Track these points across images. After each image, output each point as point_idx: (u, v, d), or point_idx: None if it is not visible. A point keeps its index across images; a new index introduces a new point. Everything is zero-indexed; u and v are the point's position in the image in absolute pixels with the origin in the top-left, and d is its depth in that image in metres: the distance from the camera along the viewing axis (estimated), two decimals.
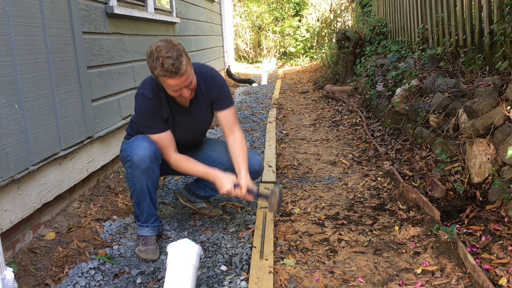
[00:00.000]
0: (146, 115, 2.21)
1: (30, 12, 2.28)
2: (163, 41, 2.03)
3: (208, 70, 2.36)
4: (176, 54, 1.98)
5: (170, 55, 1.96)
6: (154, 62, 1.99)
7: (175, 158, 2.31)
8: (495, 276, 1.91)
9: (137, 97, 2.24)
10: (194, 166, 2.33)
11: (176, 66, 1.97)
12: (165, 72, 1.99)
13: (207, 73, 2.33)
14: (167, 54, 1.96)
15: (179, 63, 1.98)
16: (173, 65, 1.97)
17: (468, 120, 2.85)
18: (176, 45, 2.02)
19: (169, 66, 1.97)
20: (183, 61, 2.00)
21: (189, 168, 2.33)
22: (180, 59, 1.99)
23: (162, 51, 1.97)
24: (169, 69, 1.97)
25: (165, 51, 1.97)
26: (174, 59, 1.97)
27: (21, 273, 2.00)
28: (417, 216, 2.57)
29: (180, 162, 2.32)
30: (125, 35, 3.61)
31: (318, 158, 3.95)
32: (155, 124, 2.23)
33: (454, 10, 4.17)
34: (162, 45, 1.99)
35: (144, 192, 2.25)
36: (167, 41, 2.03)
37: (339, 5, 12.19)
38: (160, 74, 2.01)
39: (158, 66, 1.98)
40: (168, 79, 2.02)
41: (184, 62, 2.00)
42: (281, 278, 2.05)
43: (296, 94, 7.92)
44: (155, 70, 2.02)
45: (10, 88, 2.09)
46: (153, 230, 2.34)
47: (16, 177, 2.11)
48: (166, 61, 1.96)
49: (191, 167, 2.33)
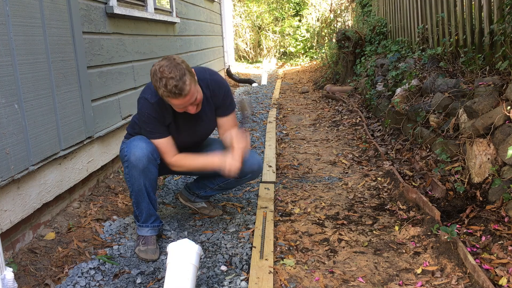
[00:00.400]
0: (148, 120, 2.21)
1: (30, 12, 2.28)
2: (166, 59, 2.02)
3: (211, 75, 2.35)
4: (180, 74, 1.97)
5: (173, 76, 1.96)
6: (157, 82, 1.99)
7: (174, 160, 2.31)
8: (495, 276, 1.91)
9: (140, 101, 2.24)
10: (193, 160, 2.33)
11: (179, 87, 1.97)
12: (168, 93, 1.99)
13: (211, 78, 2.33)
14: (170, 74, 1.96)
15: (183, 84, 1.98)
16: (176, 86, 1.97)
17: (468, 120, 2.85)
18: (179, 63, 2.01)
19: (172, 87, 1.97)
20: (187, 81, 1.99)
21: (189, 165, 2.33)
22: (183, 79, 1.98)
23: (165, 72, 1.97)
24: (172, 91, 1.97)
25: (168, 71, 1.96)
26: (177, 80, 1.96)
27: (21, 273, 2.00)
28: (417, 216, 2.57)
29: (180, 162, 2.32)
30: (125, 35, 3.60)
31: (318, 158, 3.95)
32: (156, 130, 2.23)
33: (454, 10, 4.17)
34: (165, 65, 1.98)
35: (142, 192, 2.25)
36: (170, 59, 2.02)
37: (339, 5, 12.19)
38: (164, 95, 2.02)
39: (161, 86, 1.98)
40: (172, 99, 2.03)
41: (188, 82, 2.00)
42: (281, 278, 2.05)
43: (296, 94, 7.92)
44: (159, 90, 2.02)
45: (10, 88, 2.09)
46: (152, 230, 2.34)
47: (16, 177, 2.11)
48: (169, 82, 1.96)
49: (191, 163, 2.33)
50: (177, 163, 2.31)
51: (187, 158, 2.33)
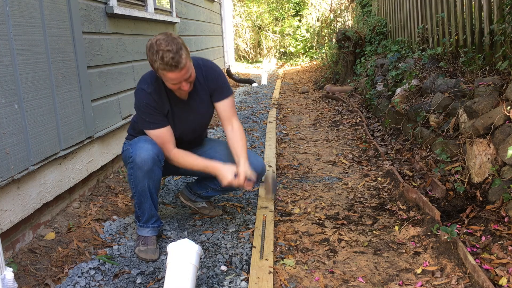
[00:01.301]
0: (147, 110, 2.22)
1: (30, 12, 2.28)
2: (162, 34, 2.04)
3: (205, 61, 2.38)
4: (176, 48, 1.99)
5: (170, 49, 1.97)
6: (154, 55, 2.00)
7: (174, 153, 2.30)
8: (495, 276, 1.91)
9: (137, 93, 2.25)
10: (194, 160, 2.33)
11: (176, 60, 1.98)
12: (165, 66, 2.00)
13: (205, 64, 2.35)
14: (167, 47, 1.97)
15: (179, 57, 1.99)
16: (173, 58, 1.98)
17: (468, 120, 2.85)
18: (175, 38, 2.03)
19: (169, 59, 1.97)
20: (183, 54, 2.01)
21: (190, 163, 2.33)
22: (180, 52, 2.00)
23: (162, 45, 1.98)
24: (169, 63, 1.98)
25: (165, 44, 1.98)
26: (174, 52, 1.98)
27: (21, 273, 2.00)
28: (417, 216, 2.57)
29: (180, 157, 2.31)
30: (125, 35, 3.60)
31: (318, 158, 3.95)
32: (155, 119, 2.23)
33: (454, 10, 4.17)
34: (162, 39, 2.00)
35: (146, 193, 2.25)
36: (167, 34, 2.04)
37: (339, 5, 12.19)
38: (160, 68, 2.02)
39: (158, 59, 1.99)
40: (168, 73, 2.03)
41: (184, 56, 2.02)
42: (281, 278, 2.05)
43: (296, 94, 7.92)
44: (154, 64, 2.03)
45: (10, 88, 2.09)
46: (153, 230, 2.34)
47: (16, 177, 2.11)
48: (166, 54, 1.97)
49: (192, 161, 2.32)
50: (175, 157, 2.30)
51: (188, 156, 2.32)
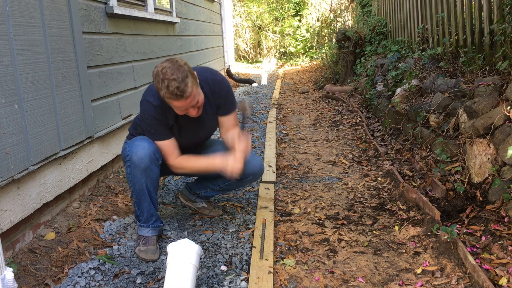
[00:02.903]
0: (151, 122, 2.21)
1: (30, 12, 2.28)
2: (168, 61, 2.02)
3: (212, 75, 2.34)
4: (182, 76, 1.97)
5: (175, 77, 1.96)
6: (159, 83, 1.99)
7: (177, 162, 2.31)
8: (495, 276, 1.91)
9: (142, 104, 2.24)
10: (195, 162, 2.33)
11: (181, 89, 1.97)
12: (170, 95, 1.99)
13: (213, 78, 2.32)
14: (172, 76, 1.96)
15: (185, 86, 1.98)
16: (178, 88, 1.96)
17: (468, 120, 2.85)
18: (182, 65, 2.01)
19: (174, 89, 1.96)
20: (189, 83, 1.99)
21: (192, 167, 2.34)
22: (185, 81, 1.98)
23: (167, 73, 1.96)
24: (174, 92, 1.97)
25: (171, 73, 1.96)
26: (179, 82, 1.96)
27: (21, 273, 2.00)
28: (417, 216, 2.57)
29: (182, 164, 2.33)
30: (125, 35, 3.60)
31: (318, 158, 3.95)
32: (160, 131, 2.24)
33: (454, 10, 4.17)
34: (168, 67, 1.98)
35: (144, 192, 2.25)
36: (173, 61, 2.02)
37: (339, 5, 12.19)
38: (166, 96, 2.02)
39: (163, 88, 1.98)
40: (173, 101, 2.03)
41: (190, 84, 2.00)
42: (281, 278, 2.05)
43: (296, 94, 7.92)
44: (160, 92, 2.02)
45: (10, 88, 2.09)
46: (153, 230, 2.34)
47: (16, 177, 2.11)
48: (171, 84, 1.96)
49: (194, 165, 2.33)
50: (179, 165, 2.32)
51: (189, 160, 2.34)
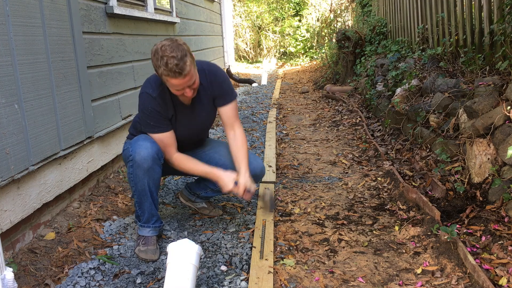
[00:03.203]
0: (151, 114, 2.21)
1: (30, 12, 2.28)
2: (168, 40, 2.04)
3: (209, 66, 2.37)
4: (181, 54, 1.98)
5: (174, 55, 1.97)
6: (158, 61, 2.00)
7: (176, 157, 2.32)
8: (495, 276, 1.91)
9: (141, 96, 2.24)
10: (195, 165, 2.34)
11: (180, 67, 1.98)
12: (168, 72, 2.00)
13: (209, 69, 2.34)
14: (172, 54, 1.97)
15: (183, 63, 1.99)
16: (177, 65, 1.97)
17: (468, 120, 2.85)
18: (181, 44, 2.02)
19: (173, 66, 1.97)
20: (187, 61, 2.00)
21: (191, 167, 2.34)
22: (184, 59, 1.99)
23: (167, 51, 1.98)
24: (173, 69, 1.98)
25: (170, 50, 1.97)
26: (178, 59, 1.97)
27: (21, 273, 2.00)
28: (417, 216, 2.57)
29: (182, 161, 2.33)
30: (125, 35, 3.60)
31: (318, 158, 3.95)
32: (160, 123, 2.24)
33: (454, 10, 4.17)
34: (167, 44, 2.00)
35: (146, 192, 2.25)
36: (173, 40, 2.03)
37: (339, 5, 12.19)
38: (164, 74, 2.02)
39: (162, 65, 1.99)
40: (171, 79, 2.03)
41: (188, 63, 2.01)
42: (281, 278, 2.05)
43: (296, 94, 7.92)
44: (159, 69, 2.02)
45: (10, 88, 2.09)
46: (154, 230, 2.34)
47: (16, 177, 2.11)
48: (170, 60, 1.97)
49: (193, 167, 2.34)
50: (177, 161, 2.32)
51: (189, 161, 2.34)
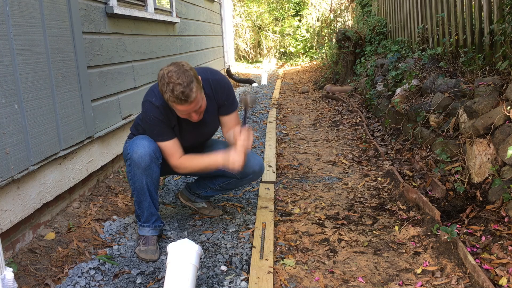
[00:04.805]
0: (154, 123, 2.21)
1: (30, 12, 2.28)
2: (174, 65, 2.02)
3: (213, 75, 2.35)
4: (187, 81, 1.98)
5: (180, 82, 1.96)
6: (164, 87, 1.99)
7: (179, 162, 2.30)
8: (495, 276, 1.91)
9: (144, 104, 2.24)
10: (197, 161, 2.32)
11: (186, 94, 1.98)
12: (175, 99, 2.00)
13: (213, 78, 2.33)
14: (178, 80, 1.96)
15: (189, 91, 1.98)
16: (183, 92, 1.97)
17: (468, 120, 2.85)
18: (187, 70, 2.01)
19: (179, 93, 1.97)
20: (193, 88, 2.00)
21: (194, 166, 2.32)
22: (190, 86, 1.98)
23: (173, 77, 1.97)
24: (179, 97, 1.98)
25: (176, 77, 1.97)
26: (184, 86, 1.97)
27: (21, 273, 2.00)
28: (417, 216, 2.57)
29: (185, 164, 2.31)
30: (125, 35, 3.60)
31: (318, 158, 3.95)
32: (162, 132, 2.23)
33: (454, 10, 4.17)
34: (174, 70, 1.99)
35: (144, 191, 2.25)
36: (179, 66, 2.02)
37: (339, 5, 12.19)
38: (170, 100, 2.02)
39: (168, 91, 1.99)
40: (177, 105, 2.03)
41: (195, 89, 2.00)
42: (281, 278, 2.05)
43: (296, 94, 7.92)
44: (165, 95, 2.02)
45: (10, 88, 2.09)
46: (154, 230, 2.34)
47: (16, 177, 2.11)
48: (176, 88, 1.96)
49: (196, 164, 2.32)
50: (182, 165, 2.31)
51: (192, 160, 2.33)
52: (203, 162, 2.32)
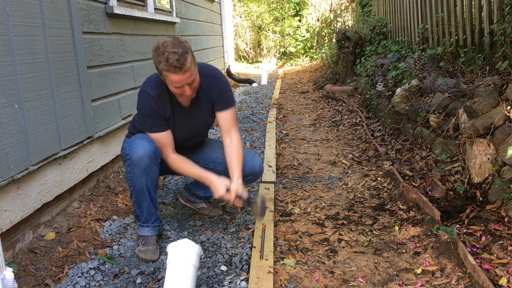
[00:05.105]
0: (149, 113, 2.22)
1: (30, 12, 2.28)
2: (170, 37, 2.06)
3: (210, 70, 2.36)
4: (182, 51, 2.00)
5: (175, 51, 1.98)
6: (159, 56, 2.01)
7: (172, 158, 2.32)
8: (495, 276, 1.91)
9: (140, 95, 2.25)
10: (190, 168, 2.34)
11: (180, 62, 1.99)
12: (169, 67, 2.00)
13: (210, 72, 2.34)
14: (173, 49, 1.98)
15: (184, 59, 2.00)
16: (178, 60, 1.98)
17: (468, 120, 2.85)
18: (182, 42, 2.04)
19: (174, 61, 1.98)
20: (188, 58, 2.02)
21: (185, 169, 2.34)
22: (185, 55, 2.00)
23: (168, 46, 1.99)
24: (173, 64, 1.99)
25: (171, 46, 1.99)
26: (179, 55, 1.99)
27: (21, 273, 2.00)
28: (417, 216, 2.57)
29: (177, 163, 2.33)
30: (125, 35, 3.60)
31: (318, 158, 3.95)
32: (157, 123, 2.24)
33: (454, 10, 4.17)
34: (169, 41, 2.02)
35: (144, 191, 2.25)
36: (175, 37, 2.06)
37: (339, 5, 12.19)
38: (164, 69, 2.02)
39: (163, 60, 2.00)
40: (171, 74, 2.03)
41: (189, 60, 2.02)
42: (281, 278, 2.05)
43: (296, 94, 7.92)
44: (159, 65, 2.03)
45: (10, 88, 2.09)
46: (153, 230, 2.34)
47: (16, 177, 2.11)
48: (171, 56, 1.98)
49: (187, 169, 2.34)
50: (174, 163, 2.32)
51: (185, 163, 2.34)
52: (195, 171, 2.33)
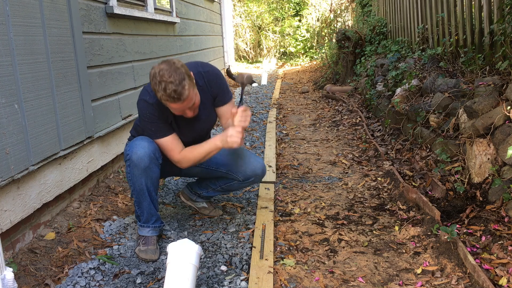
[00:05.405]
0: (150, 120, 2.21)
1: (30, 12, 2.28)
2: (165, 63, 2.01)
3: (204, 67, 2.35)
4: (179, 79, 1.96)
5: (172, 80, 1.95)
6: (156, 85, 1.98)
7: (181, 156, 2.28)
8: (495, 276, 1.91)
9: (139, 104, 2.24)
10: (198, 150, 2.28)
11: (178, 92, 1.97)
12: (167, 97, 1.99)
13: (205, 70, 2.33)
14: (170, 79, 1.95)
15: (182, 88, 1.97)
16: (175, 91, 1.96)
17: (468, 120, 2.85)
18: (178, 68, 1.99)
19: (171, 92, 1.96)
20: (186, 85, 1.99)
21: (196, 155, 2.28)
22: (182, 83, 1.97)
23: (164, 76, 1.96)
24: (171, 95, 1.97)
25: (168, 75, 1.96)
26: (176, 84, 1.95)
27: (21, 273, 2.00)
28: (417, 216, 2.57)
29: (187, 156, 2.28)
30: (125, 35, 3.60)
31: (318, 158, 3.95)
32: (160, 128, 2.23)
33: (454, 10, 4.17)
34: (165, 69, 1.97)
35: (144, 192, 2.25)
36: (170, 63, 2.01)
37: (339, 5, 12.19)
38: (163, 99, 2.01)
39: (160, 90, 1.97)
40: (170, 104, 2.03)
41: (187, 87, 1.99)
42: (281, 278, 2.05)
43: (296, 94, 7.92)
44: (157, 93, 2.01)
45: (10, 88, 2.09)
46: (154, 230, 2.34)
47: (16, 177, 2.11)
48: (168, 86, 1.95)
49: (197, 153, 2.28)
50: (184, 158, 2.28)
51: (192, 151, 2.29)
52: (203, 149, 2.28)
